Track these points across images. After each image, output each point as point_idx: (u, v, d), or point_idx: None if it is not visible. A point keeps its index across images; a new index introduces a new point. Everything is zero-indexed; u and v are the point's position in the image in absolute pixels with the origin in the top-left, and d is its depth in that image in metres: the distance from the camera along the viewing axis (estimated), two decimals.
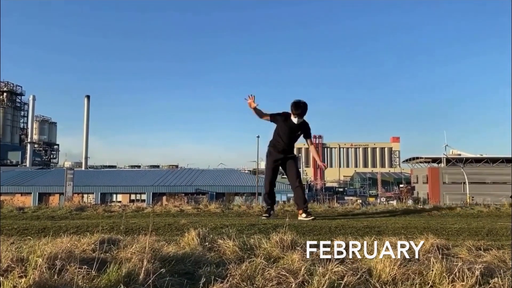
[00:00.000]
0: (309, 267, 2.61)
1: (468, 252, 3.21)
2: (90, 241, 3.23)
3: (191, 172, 56.88)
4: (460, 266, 2.53)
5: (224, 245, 3.23)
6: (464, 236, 4.74)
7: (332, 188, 79.29)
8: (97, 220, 6.05)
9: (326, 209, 8.33)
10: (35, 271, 2.33)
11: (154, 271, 2.46)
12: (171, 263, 2.71)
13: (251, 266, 2.63)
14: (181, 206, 8.59)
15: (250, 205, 9.02)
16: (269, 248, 3.20)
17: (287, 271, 2.54)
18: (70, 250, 2.84)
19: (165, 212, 7.81)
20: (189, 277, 2.56)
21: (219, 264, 2.80)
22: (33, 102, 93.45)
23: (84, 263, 2.54)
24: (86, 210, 8.03)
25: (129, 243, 3.21)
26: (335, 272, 2.52)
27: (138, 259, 2.64)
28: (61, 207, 8.48)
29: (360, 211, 8.20)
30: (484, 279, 2.45)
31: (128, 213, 7.59)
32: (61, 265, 2.48)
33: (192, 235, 3.48)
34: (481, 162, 54.87)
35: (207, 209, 8.10)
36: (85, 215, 7.40)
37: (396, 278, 2.55)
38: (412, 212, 7.97)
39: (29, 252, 2.73)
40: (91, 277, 2.40)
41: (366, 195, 70.25)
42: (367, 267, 2.71)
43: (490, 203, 9.59)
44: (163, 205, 9.57)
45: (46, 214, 7.44)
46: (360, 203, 10.57)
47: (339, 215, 7.41)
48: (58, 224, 5.58)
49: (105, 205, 9.40)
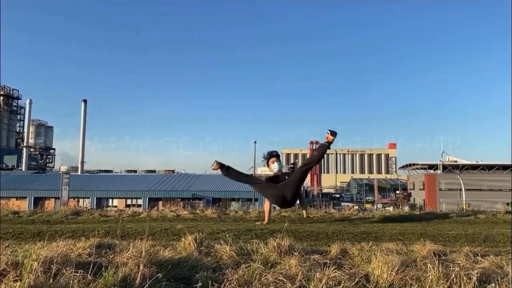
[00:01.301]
0: (306, 273, 2.60)
1: (465, 258, 3.20)
2: (86, 245, 3.21)
3: (187, 177, 56.70)
4: (457, 271, 2.53)
5: (221, 250, 3.21)
6: (461, 242, 4.74)
7: (328, 194, 79.21)
8: (93, 225, 6.03)
9: (323, 215, 8.32)
10: (30, 275, 2.31)
11: (150, 275, 2.44)
12: (168, 267, 2.69)
13: (248, 271, 2.62)
14: (177, 211, 8.57)
15: (247, 210, 9.00)
16: (266, 253, 3.19)
17: (284, 276, 2.53)
18: (65, 254, 2.82)
19: (161, 217, 7.78)
20: (186, 282, 2.55)
21: (216, 269, 2.78)
22: (30, 106, 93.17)
23: (80, 267, 2.52)
24: (82, 214, 7.99)
25: (125, 247, 3.19)
26: (332, 278, 2.51)
27: (134, 263, 2.62)
28: (57, 212, 8.44)
29: (357, 217, 8.20)
30: (482, 285, 2.45)
31: (124, 218, 7.55)
32: (57, 269, 2.46)
33: (189, 240, 3.46)
34: (477, 169, 55.03)
35: (203, 214, 8.08)
36: (81, 220, 7.36)
37: (393, 283, 2.55)
38: (409, 218, 7.97)
39: (24, 256, 2.71)
40: (87, 281, 2.38)
41: (362, 201, 70.27)
42: (365, 273, 2.70)
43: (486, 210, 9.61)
44: (160, 210, 9.53)
45: (41, 218, 7.40)
46: (356, 209, 10.57)
47: (336, 221, 7.41)
48: (54, 228, 5.55)
49: (101, 210, 9.36)
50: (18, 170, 79.42)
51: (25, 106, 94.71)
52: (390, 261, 2.72)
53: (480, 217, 8.15)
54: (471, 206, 25.84)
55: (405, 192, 62.91)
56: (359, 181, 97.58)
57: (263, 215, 7.29)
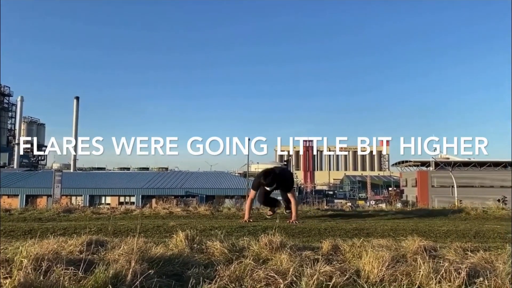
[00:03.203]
0: (297, 268, 2.61)
1: (455, 253, 3.24)
2: (77, 242, 3.20)
3: (181, 174, 56.56)
4: (447, 267, 2.55)
5: (212, 247, 3.22)
6: (452, 238, 4.79)
7: (322, 191, 79.44)
8: (85, 222, 6.00)
9: (316, 212, 8.35)
10: (20, 272, 2.30)
11: (141, 272, 2.44)
12: (159, 264, 2.69)
13: (240, 267, 2.63)
14: (170, 209, 8.54)
15: (240, 207, 9.01)
16: (257, 249, 3.19)
17: (275, 272, 2.54)
18: (56, 251, 2.81)
19: (154, 214, 7.76)
20: (177, 278, 2.55)
21: (207, 265, 2.79)
22: (21, 103, 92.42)
23: (71, 264, 2.51)
24: (74, 212, 7.95)
25: (117, 244, 3.18)
26: (323, 273, 2.52)
27: (125, 260, 2.62)
28: (49, 209, 8.39)
29: (350, 213, 8.23)
30: (470, 279, 2.47)
31: (117, 215, 7.53)
32: (47, 266, 2.45)
33: (181, 237, 3.46)
34: (469, 165, 55.46)
35: (196, 212, 8.07)
36: (73, 217, 7.32)
37: (384, 279, 2.57)
38: (401, 214, 8.02)
39: (15, 253, 2.69)
40: (78, 278, 2.38)
41: (355, 198, 70.53)
42: (355, 268, 2.72)
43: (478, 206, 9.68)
44: (153, 208, 9.51)
45: (33, 216, 7.35)
46: (349, 206, 10.62)
47: (328, 218, 7.43)
48: (45, 226, 5.52)
49: (94, 207, 9.32)
50: (10, 167, 78.78)
51: (16, 103, 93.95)
52: (381, 257, 2.74)
53: (471, 213, 8.22)
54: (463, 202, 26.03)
55: (397, 189, 63.23)
56: (352, 178, 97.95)
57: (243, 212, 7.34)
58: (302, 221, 6.52)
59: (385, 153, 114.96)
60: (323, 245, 3.40)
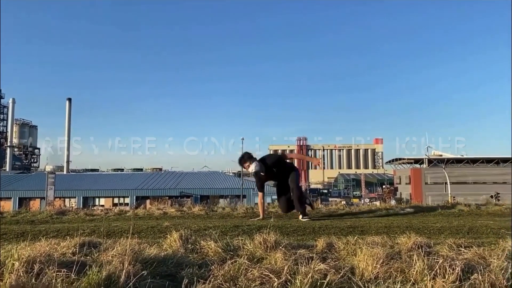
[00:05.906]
0: (292, 266, 2.60)
1: (449, 250, 3.25)
2: (70, 244, 3.17)
3: (175, 175, 56.45)
4: (441, 263, 2.56)
5: (207, 247, 3.20)
6: (446, 234, 4.80)
7: (316, 190, 79.60)
8: (78, 224, 5.95)
9: (310, 210, 8.34)
10: (12, 274, 2.27)
11: (135, 273, 2.42)
12: (153, 265, 2.67)
13: (234, 267, 2.62)
14: (164, 209, 8.51)
15: (234, 207, 8.99)
16: (252, 248, 3.18)
17: (270, 271, 2.53)
18: (49, 253, 2.78)
19: (148, 215, 7.73)
20: (171, 279, 2.53)
21: (201, 265, 2.77)
22: (13, 105, 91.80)
23: (64, 266, 2.49)
24: (67, 214, 7.89)
25: (110, 246, 3.16)
26: (317, 271, 2.52)
27: (119, 261, 2.60)
28: (42, 211, 8.32)
29: (344, 211, 8.25)
30: (465, 275, 2.48)
31: (111, 217, 7.48)
32: (39, 268, 2.42)
33: (175, 237, 3.44)
34: (462, 162, 55.79)
35: (191, 212, 8.05)
36: (66, 219, 7.27)
37: (378, 276, 2.57)
38: (395, 212, 8.05)
39: (6, 256, 2.66)
40: (71, 280, 2.35)
41: (350, 196, 70.82)
42: (350, 266, 2.72)
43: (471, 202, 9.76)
44: (147, 208, 9.47)
45: (26, 219, 7.29)
46: (344, 204, 10.64)
47: (323, 216, 7.44)
48: (38, 228, 5.47)
49: (87, 209, 9.26)
50: (2, 170, 78.15)
51: (8, 105, 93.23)
52: (375, 254, 2.74)
53: (465, 209, 8.27)
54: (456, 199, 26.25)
55: (391, 187, 63.52)
56: (346, 176, 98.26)
57: (258, 211, 7.39)
58: (296, 220, 6.52)
59: (379, 151, 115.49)
60: (318, 243, 3.40)
